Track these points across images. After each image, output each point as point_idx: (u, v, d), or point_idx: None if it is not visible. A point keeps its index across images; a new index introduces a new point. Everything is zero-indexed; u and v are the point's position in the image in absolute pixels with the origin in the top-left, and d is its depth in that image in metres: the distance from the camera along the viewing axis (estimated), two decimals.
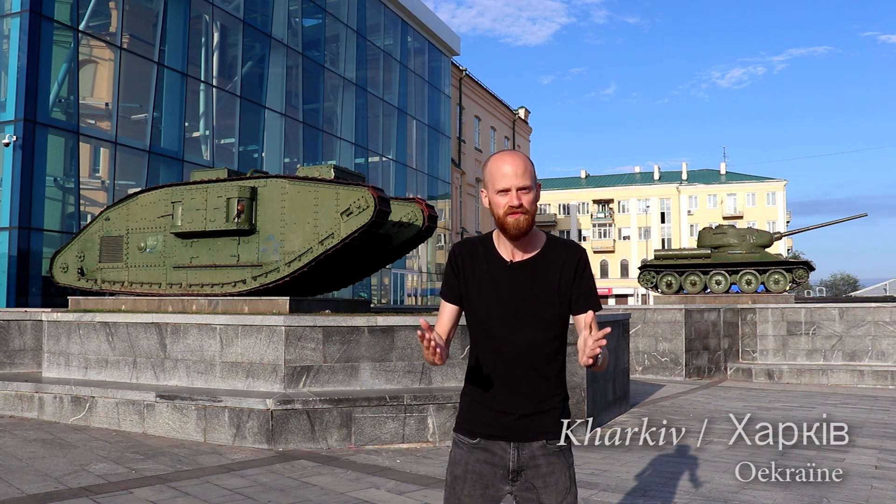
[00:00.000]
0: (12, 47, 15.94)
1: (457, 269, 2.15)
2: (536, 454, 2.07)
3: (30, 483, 5.02)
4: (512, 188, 2.00)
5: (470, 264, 2.13)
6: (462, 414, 2.18)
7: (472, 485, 2.10)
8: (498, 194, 2.02)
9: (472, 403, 2.14)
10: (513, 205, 2.00)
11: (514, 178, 1.99)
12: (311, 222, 8.47)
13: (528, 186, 2.01)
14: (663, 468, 5.68)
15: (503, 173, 2.00)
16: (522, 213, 2.01)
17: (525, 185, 2.00)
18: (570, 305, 2.08)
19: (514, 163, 2.01)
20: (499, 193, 2.01)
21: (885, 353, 14.10)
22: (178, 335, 7.33)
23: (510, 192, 2.00)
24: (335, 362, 6.83)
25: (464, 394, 2.19)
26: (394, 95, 31.12)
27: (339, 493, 4.89)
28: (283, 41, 23.78)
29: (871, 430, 7.92)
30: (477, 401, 2.12)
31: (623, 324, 9.78)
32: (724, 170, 70.46)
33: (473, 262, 2.13)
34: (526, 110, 52.76)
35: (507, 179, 2.00)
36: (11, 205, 15.21)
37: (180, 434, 6.72)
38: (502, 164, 2.01)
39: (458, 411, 2.20)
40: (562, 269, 2.07)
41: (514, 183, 1.99)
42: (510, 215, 2.01)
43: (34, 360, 9.01)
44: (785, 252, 52.51)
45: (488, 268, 2.10)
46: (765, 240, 18.74)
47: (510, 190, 2.00)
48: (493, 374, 2.08)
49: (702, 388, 12.43)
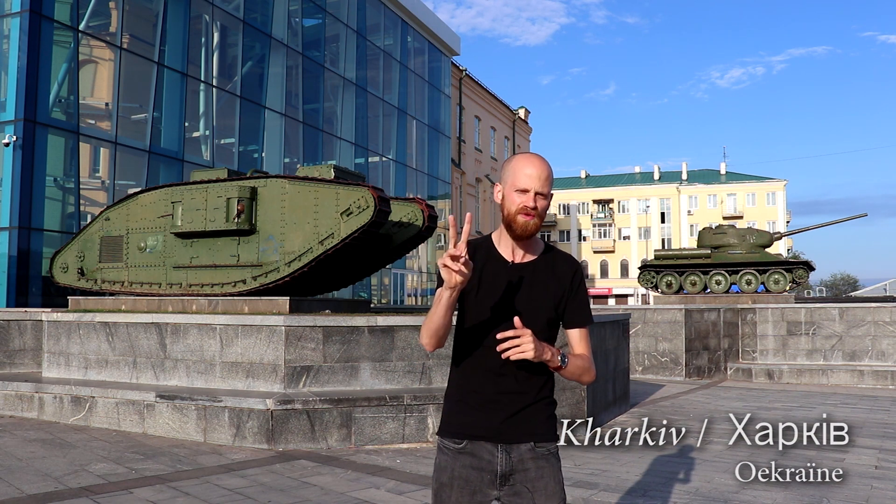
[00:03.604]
0: (12, 47, 15.94)
1: None
2: (525, 457, 2.05)
3: (30, 483, 5.02)
4: (531, 190, 2.02)
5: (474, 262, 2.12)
6: (446, 416, 2.14)
7: (459, 491, 2.07)
8: (516, 192, 2.04)
9: (458, 403, 2.11)
10: (528, 205, 2.02)
11: (537, 181, 2.02)
12: (311, 222, 8.47)
13: (545, 193, 2.04)
14: (663, 468, 5.68)
15: (527, 173, 2.03)
16: (534, 217, 2.03)
17: (544, 191, 2.04)
18: (562, 316, 2.12)
19: (539, 167, 2.04)
20: (517, 192, 2.03)
21: (885, 353, 14.10)
22: (178, 335, 7.33)
23: (528, 193, 2.02)
24: (335, 362, 6.83)
25: (447, 396, 2.17)
26: (394, 95, 31.12)
27: (339, 493, 4.90)
28: (283, 41, 23.78)
29: (871, 430, 7.92)
30: (463, 400, 2.10)
31: (623, 324, 9.78)
32: (724, 170, 70.45)
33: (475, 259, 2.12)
34: (526, 110, 52.75)
35: (529, 180, 2.02)
36: (11, 205, 15.21)
37: (180, 434, 6.72)
38: (527, 165, 2.04)
39: (442, 415, 2.17)
40: (559, 279, 2.10)
41: (534, 186, 2.02)
42: (522, 215, 2.03)
43: (34, 360, 9.01)
44: (785, 252, 52.50)
45: (489, 266, 2.11)
46: (765, 240, 18.74)
47: (529, 191, 2.02)
48: (483, 372, 2.07)
49: (702, 388, 12.43)
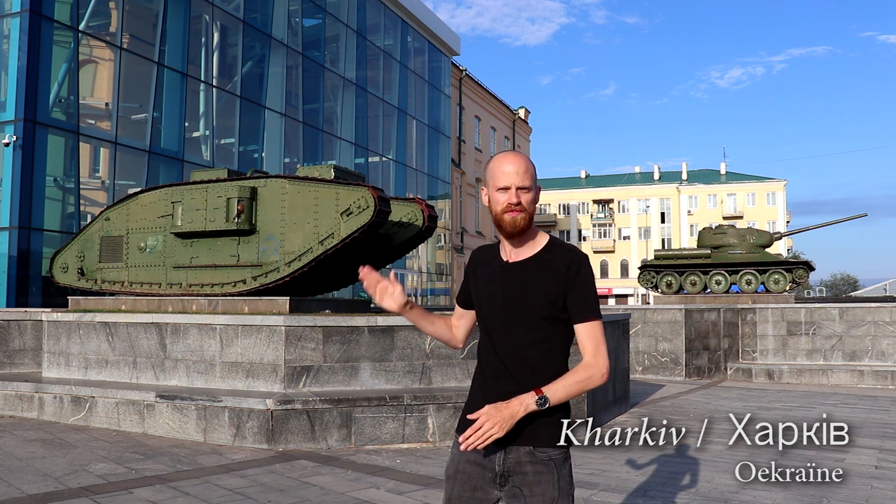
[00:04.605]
0: (12, 47, 15.93)
1: (468, 274, 2.25)
2: (523, 460, 2.04)
3: (30, 483, 5.02)
4: (512, 186, 2.03)
5: (480, 268, 2.20)
6: (462, 413, 2.20)
7: (462, 486, 2.10)
8: (498, 192, 2.05)
9: (470, 400, 2.16)
10: (511, 202, 2.03)
11: (515, 176, 2.03)
12: (311, 222, 8.47)
13: (527, 187, 2.04)
14: (663, 468, 5.68)
15: (504, 171, 2.04)
16: (520, 212, 2.04)
17: (525, 185, 2.04)
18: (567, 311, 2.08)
19: (515, 162, 2.05)
20: (499, 191, 2.05)
21: (885, 353, 14.10)
22: (178, 335, 7.33)
23: (510, 190, 2.03)
24: (335, 362, 6.82)
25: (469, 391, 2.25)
26: (394, 95, 31.12)
27: (339, 493, 4.89)
28: (283, 41, 23.78)
29: (871, 430, 7.92)
30: (474, 398, 2.15)
31: (623, 324, 9.78)
32: (724, 170, 70.44)
33: (482, 265, 2.20)
34: (526, 110, 52.75)
35: (507, 177, 2.03)
36: (11, 205, 15.20)
37: (180, 434, 6.72)
38: (504, 163, 2.05)
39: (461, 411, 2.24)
40: (554, 272, 2.05)
41: (514, 181, 2.03)
42: (507, 213, 2.04)
43: (34, 360, 9.01)
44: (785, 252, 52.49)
45: (489, 269, 2.15)
46: (765, 240, 18.74)
47: (510, 188, 2.03)
48: (490, 372, 2.11)
49: (702, 388, 12.43)
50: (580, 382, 2.01)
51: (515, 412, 1.94)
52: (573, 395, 2.02)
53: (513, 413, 1.93)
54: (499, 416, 1.93)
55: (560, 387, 1.98)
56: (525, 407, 1.95)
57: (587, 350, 2.06)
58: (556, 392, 1.98)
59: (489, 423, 1.92)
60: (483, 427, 1.92)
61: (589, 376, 2.01)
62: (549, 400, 1.96)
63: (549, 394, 1.96)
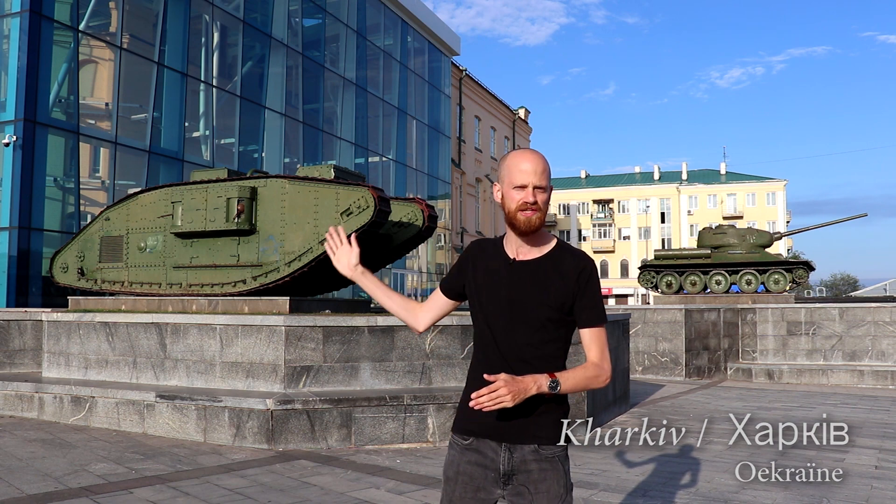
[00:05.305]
0: (12, 47, 15.94)
1: (464, 264, 2.20)
2: (528, 458, 2.04)
3: (30, 483, 5.02)
4: (529, 185, 2.02)
5: (479, 261, 2.16)
6: (458, 412, 2.18)
7: (464, 487, 2.09)
8: (514, 189, 2.04)
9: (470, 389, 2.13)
10: (528, 201, 2.02)
11: (533, 175, 2.02)
12: (311, 222, 8.46)
13: (544, 186, 2.04)
14: (663, 468, 5.68)
15: (522, 169, 2.03)
16: (535, 211, 2.02)
17: (542, 184, 2.03)
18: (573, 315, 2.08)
19: (533, 161, 2.04)
20: (515, 189, 2.03)
21: (885, 353, 14.10)
22: (178, 335, 7.33)
23: (527, 189, 2.02)
24: (335, 362, 6.82)
25: (463, 390, 2.20)
26: (394, 95, 31.12)
27: (339, 493, 4.89)
28: (283, 41, 23.78)
29: (871, 430, 7.92)
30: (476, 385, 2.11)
31: (623, 324, 9.78)
32: (724, 170, 70.46)
33: (482, 258, 2.16)
34: (526, 110, 52.76)
35: (525, 176, 2.02)
36: (11, 205, 15.21)
37: (180, 434, 6.72)
38: (522, 161, 2.04)
39: (457, 411, 2.21)
40: (564, 276, 2.05)
41: (531, 180, 2.02)
42: (522, 211, 2.03)
43: (34, 360, 9.00)
44: (785, 252, 52.49)
45: (493, 264, 2.12)
46: (765, 240, 18.74)
47: (527, 186, 2.02)
48: (490, 370, 2.07)
49: (702, 388, 12.43)
50: (588, 378, 2.04)
51: (528, 387, 1.92)
52: (579, 389, 2.04)
53: (526, 387, 1.91)
54: (515, 385, 1.90)
55: (570, 376, 2.00)
56: (538, 386, 1.93)
57: (592, 353, 2.07)
58: (567, 381, 1.98)
59: (505, 389, 1.88)
60: (498, 391, 1.88)
61: (596, 375, 2.05)
62: (561, 386, 1.96)
63: (561, 380, 1.97)
